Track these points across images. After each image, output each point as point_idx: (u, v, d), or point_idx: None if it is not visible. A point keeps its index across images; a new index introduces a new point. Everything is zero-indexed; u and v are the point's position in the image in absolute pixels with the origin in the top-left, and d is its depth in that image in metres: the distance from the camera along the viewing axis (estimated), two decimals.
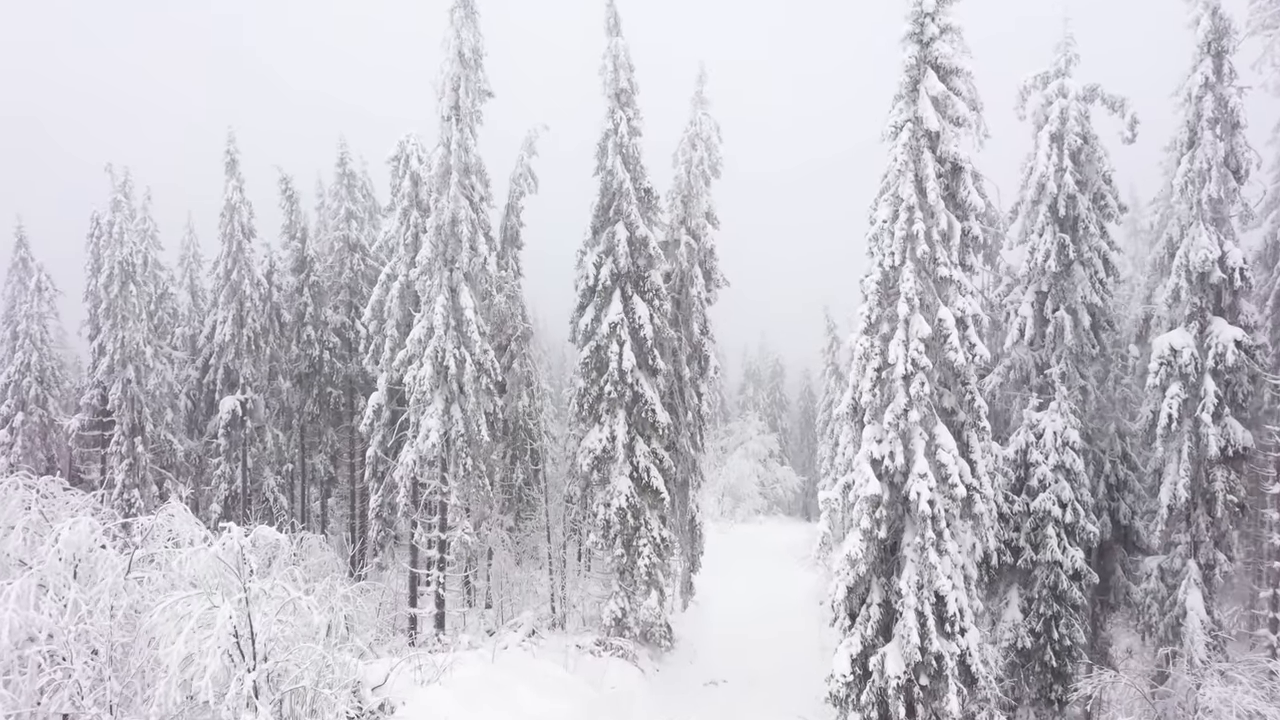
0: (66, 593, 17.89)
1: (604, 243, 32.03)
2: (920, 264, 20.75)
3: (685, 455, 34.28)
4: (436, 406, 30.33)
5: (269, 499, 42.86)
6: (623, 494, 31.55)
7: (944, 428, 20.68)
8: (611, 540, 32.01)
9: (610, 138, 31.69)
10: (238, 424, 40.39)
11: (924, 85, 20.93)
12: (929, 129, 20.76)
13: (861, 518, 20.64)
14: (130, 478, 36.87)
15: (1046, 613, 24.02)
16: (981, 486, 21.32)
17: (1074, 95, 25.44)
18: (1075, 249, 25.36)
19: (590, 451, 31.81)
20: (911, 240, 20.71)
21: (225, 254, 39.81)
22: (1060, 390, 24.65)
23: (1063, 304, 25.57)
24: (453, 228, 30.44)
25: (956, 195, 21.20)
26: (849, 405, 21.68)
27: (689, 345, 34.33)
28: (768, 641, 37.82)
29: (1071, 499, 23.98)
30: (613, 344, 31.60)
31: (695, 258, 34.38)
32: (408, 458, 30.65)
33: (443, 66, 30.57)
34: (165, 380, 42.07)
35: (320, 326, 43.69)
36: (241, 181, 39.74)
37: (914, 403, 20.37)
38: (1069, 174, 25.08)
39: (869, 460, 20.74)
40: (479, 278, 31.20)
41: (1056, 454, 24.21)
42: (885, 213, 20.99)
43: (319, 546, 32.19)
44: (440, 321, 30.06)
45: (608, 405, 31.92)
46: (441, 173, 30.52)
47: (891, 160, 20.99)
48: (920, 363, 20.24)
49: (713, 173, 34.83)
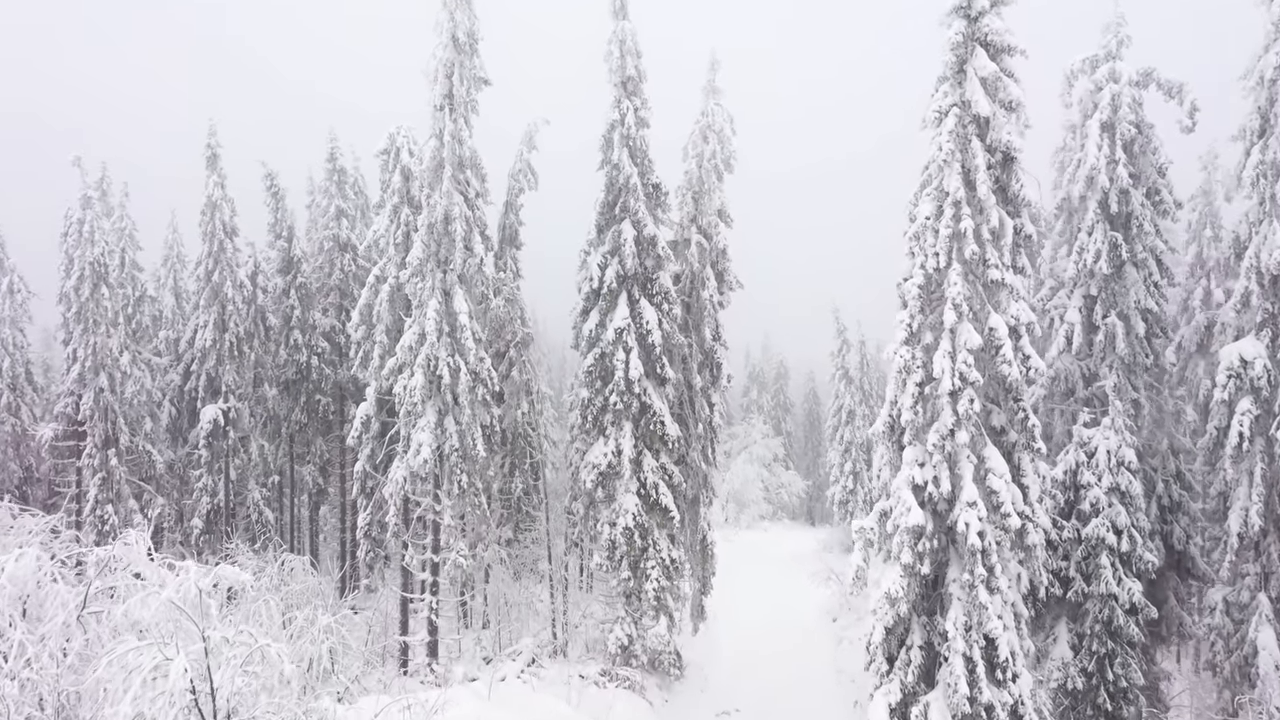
0: (11, 633, 15.76)
1: (609, 242, 29.75)
2: (968, 266, 18.48)
3: (696, 470, 31.99)
4: (428, 419, 28.05)
5: (254, 513, 40.60)
6: (629, 512, 29.29)
7: (994, 450, 18.41)
8: (617, 562, 29.75)
9: (616, 129, 29.41)
10: (220, 434, 38.11)
11: (972, 65, 18.66)
12: (978, 114, 18.49)
13: (902, 551, 18.37)
14: (104, 493, 34.57)
15: (1100, 650, 21.75)
16: (1035, 515, 19.05)
17: (1127, 80, 23.19)
18: (1128, 249, 23.11)
19: (594, 467, 29.55)
20: (958, 239, 18.44)
21: (206, 254, 37.51)
22: (1114, 405, 22.38)
23: (1113, 309, 23.32)
24: (446, 226, 28.17)
25: (1007, 188, 18.92)
26: (886, 423, 19.41)
27: (700, 352, 32.03)
28: (780, 663, 35.87)
29: (1128, 525, 21.71)
30: (618, 351, 29.33)
31: (707, 258, 32.08)
32: (397, 474, 28.36)
33: (435, 52, 28.29)
34: (144, 388, 39.76)
35: (308, 331, 41.40)
36: (223, 177, 37.45)
37: (962, 422, 18.09)
38: (1122, 166, 22.82)
39: (910, 486, 18.47)
40: (474, 280, 28.91)
41: (1110, 475, 21.94)
42: (928, 209, 18.71)
43: (302, 570, 29.94)
44: (433, 327, 27.78)
45: (613, 417, 29.66)
46: (434, 166, 28.23)
47: (935, 150, 18.72)
48: (969, 377, 17.97)
49: (725, 167, 32.53)
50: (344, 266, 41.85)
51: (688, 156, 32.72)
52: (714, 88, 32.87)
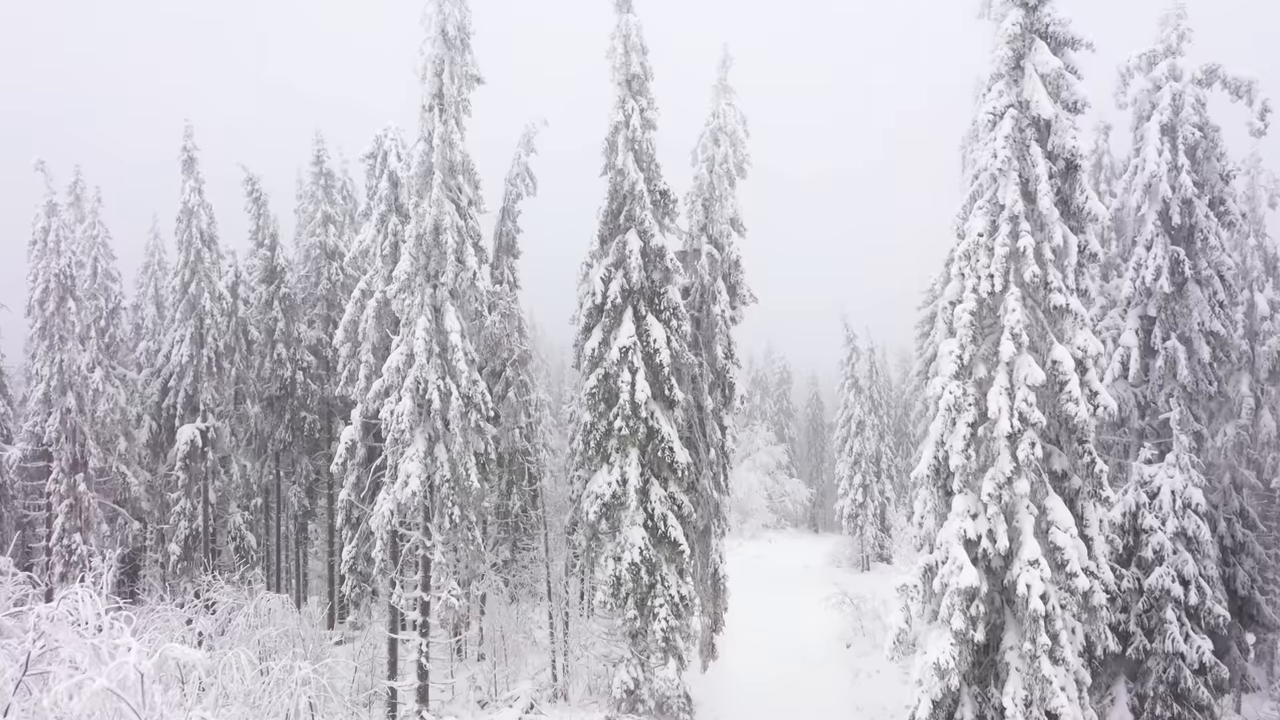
0: None
1: (613, 254, 27.41)
2: (1028, 289, 16.20)
3: (707, 498, 29.66)
4: (417, 447, 25.74)
5: (236, 537, 38.30)
6: (635, 546, 26.98)
7: (1058, 500, 16.13)
8: (623, 600, 27.43)
9: (620, 131, 27.06)
10: (197, 456, 35.78)
11: (1031, 60, 16.37)
12: (1038, 116, 16.21)
13: (953, 614, 16.08)
14: (71, 520, 32.23)
15: (1164, 715, 19.47)
16: (1099, 569, 16.78)
17: (1189, 78, 20.90)
18: (1191, 265, 20.83)
19: (598, 497, 27.22)
20: (1016, 259, 16.15)
21: (183, 264, 35.15)
22: (1178, 440, 20.08)
23: (1174, 332, 21.03)
24: (436, 237, 25.85)
25: (1070, 201, 16.64)
26: (930, 466, 17.12)
27: (711, 371, 29.71)
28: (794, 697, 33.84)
29: (1195, 575, 19.44)
30: (624, 372, 27.00)
31: (718, 270, 29.77)
32: (384, 507, 26.04)
33: (423, 47, 25.96)
34: (118, 405, 37.41)
35: (293, 344, 39.08)
36: (200, 182, 35.09)
37: (1022, 469, 15.81)
38: (1185, 174, 20.53)
39: (961, 540, 16.19)
40: (467, 295, 26.58)
41: (1176, 519, 19.65)
42: (980, 224, 16.41)
43: (281, 609, 27.62)
44: (422, 347, 25.47)
45: (618, 443, 27.32)
46: (422, 172, 25.92)
47: (990, 157, 16.43)
48: (1030, 418, 15.69)
49: (738, 172, 30.23)
50: (331, 275, 39.55)
51: (697, 160, 30.43)
52: (725, 86, 30.56)
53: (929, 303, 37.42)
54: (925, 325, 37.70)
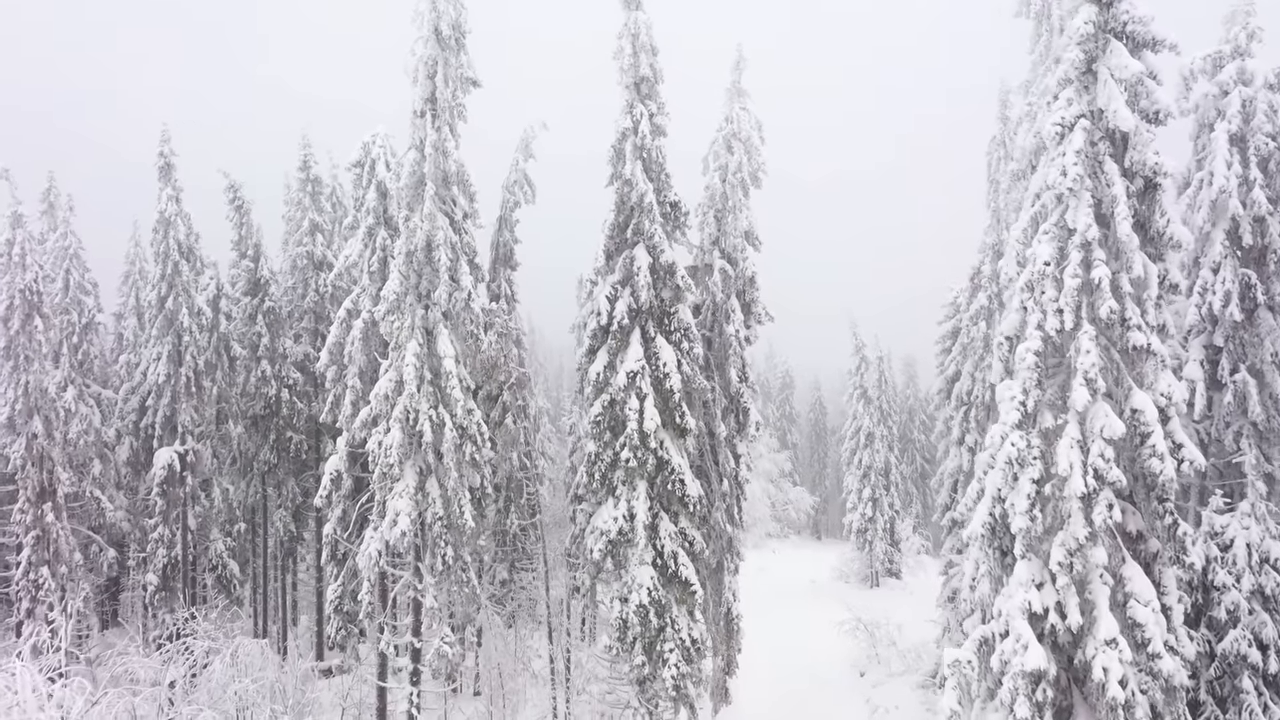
0: None
1: (619, 271, 25.27)
2: (1103, 328, 14.12)
3: (719, 532, 27.60)
4: (407, 483, 23.65)
5: (217, 566, 36.18)
6: (644, 587, 24.86)
7: (1136, 568, 14.09)
8: (629, 645, 25.32)
9: (628, 138, 24.93)
10: (176, 481, 33.63)
11: (1106, 64, 14.30)
12: (1114, 128, 14.16)
13: (1016, 700, 14.02)
14: (38, 553, 30.06)
15: None
16: (1180, 643, 14.74)
17: (1261, 82, 18.84)
18: (1264, 289, 18.78)
19: (602, 534, 25.11)
20: (1090, 292, 14.09)
21: (159, 277, 33.01)
22: (1253, 487, 18.04)
23: (1244, 363, 18.99)
24: (428, 254, 23.75)
25: (1149, 226, 14.58)
26: (985, 525, 15.06)
27: (724, 396, 27.64)
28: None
29: (1275, 639, 17.39)
30: (631, 399, 24.87)
31: (731, 287, 27.71)
32: (371, 547, 23.94)
33: (414, 47, 23.86)
34: (92, 426, 35.36)
35: (278, 360, 36.94)
36: (179, 190, 32.92)
37: (1098, 535, 13.76)
38: (1258, 189, 18.47)
39: (1024, 614, 14.13)
40: (461, 317, 24.46)
41: (1252, 575, 17.63)
42: (1047, 251, 14.34)
43: (260, 657, 25.48)
44: (412, 374, 23.38)
45: (624, 475, 25.18)
46: (413, 183, 23.81)
47: (1058, 174, 14.36)
48: (1107, 476, 13.63)
49: (753, 181, 28.18)
50: (319, 287, 37.43)
51: (709, 169, 28.36)
52: (739, 89, 28.48)
53: (951, 317, 35.38)
54: (946, 341, 35.65)
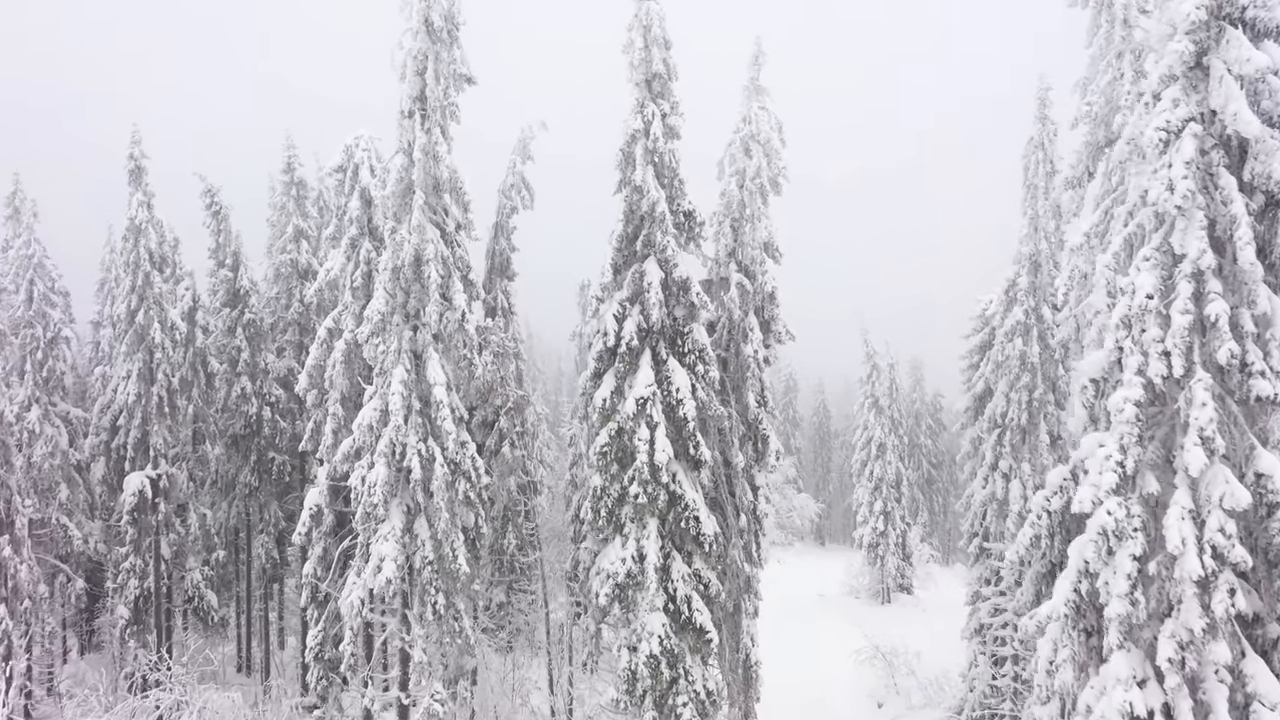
0: None
1: (629, 286, 22.84)
2: (1220, 375, 11.77)
3: (736, 571, 25.21)
4: (394, 524, 21.29)
5: (193, 597, 33.84)
6: (655, 635, 22.48)
7: (1260, 664, 11.73)
8: (639, 699, 22.95)
9: (638, 141, 22.50)
10: (147, 507, 31.26)
11: (1221, 57, 11.93)
12: (1233, 134, 11.80)
13: None
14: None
15: None
16: None
17: None
18: None
19: (609, 576, 22.70)
20: (1203, 332, 11.74)
21: (129, 289, 30.60)
22: None
23: None
24: (416, 270, 21.37)
25: (1270, 251, 12.23)
26: (1070, 603, 12.70)
27: (742, 423, 25.25)
28: None
29: None
30: (641, 427, 22.45)
31: (750, 303, 25.32)
32: (354, 595, 21.58)
33: (403, 40, 21.47)
34: (59, 448, 32.92)
35: (259, 376, 34.57)
36: (150, 195, 30.49)
37: (1216, 626, 11.41)
38: None
39: (1125, 717, 11.78)
40: (454, 339, 22.07)
41: None
42: (1149, 282, 11.98)
43: (230, 709, 23.19)
44: (399, 404, 21.01)
45: (633, 511, 22.76)
46: (400, 191, 21.43)
47: (1162, 189, 11.99)
48: (1229, 556, 11.29)
49: (773, 187, 25.75)
50: (304, 298, 35.03)
51: (725, 174, 25.93)
52: (758, 87, 26.04)
53: (980, 330, 33.12)
54: (974, 355, 33.38)
